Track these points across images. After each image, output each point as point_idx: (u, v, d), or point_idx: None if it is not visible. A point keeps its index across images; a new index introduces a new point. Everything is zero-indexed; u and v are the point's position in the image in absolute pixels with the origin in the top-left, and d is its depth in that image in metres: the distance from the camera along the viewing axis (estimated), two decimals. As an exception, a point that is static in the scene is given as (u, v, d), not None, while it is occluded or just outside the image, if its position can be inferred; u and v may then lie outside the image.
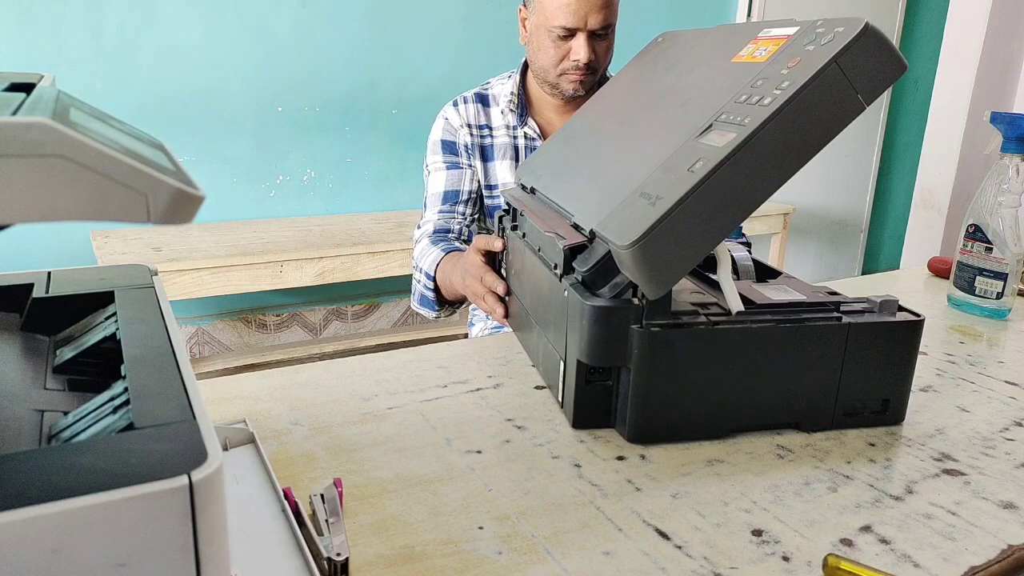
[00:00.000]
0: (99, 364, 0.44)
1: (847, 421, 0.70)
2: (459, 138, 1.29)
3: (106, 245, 2.05)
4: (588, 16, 1.13)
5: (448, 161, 1.29)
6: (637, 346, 0.63)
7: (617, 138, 0.81)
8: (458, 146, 1.29)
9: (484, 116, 1.30)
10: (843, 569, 0.49)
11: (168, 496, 0.29)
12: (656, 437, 0.67)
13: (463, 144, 1.29)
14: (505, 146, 1.29)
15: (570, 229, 0.74)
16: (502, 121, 1.29)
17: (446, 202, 1.29)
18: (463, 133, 1.29)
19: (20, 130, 0.26)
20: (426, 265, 1.22)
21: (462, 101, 1.30)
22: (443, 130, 1.30)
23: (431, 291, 1.22)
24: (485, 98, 1.31)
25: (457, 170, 1.29)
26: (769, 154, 0.59)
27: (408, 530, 0.54)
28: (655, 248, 0.58)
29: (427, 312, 1.26)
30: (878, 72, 0.59)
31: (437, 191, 1.30)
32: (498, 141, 1.30)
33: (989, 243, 1.02)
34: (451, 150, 1.30)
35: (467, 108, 1.30)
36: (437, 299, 1.23)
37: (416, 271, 1.26)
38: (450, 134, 1.30)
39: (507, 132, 1.29)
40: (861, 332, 0.67)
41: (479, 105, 1.30)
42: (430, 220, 1.30)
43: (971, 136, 2.39)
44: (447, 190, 1.29)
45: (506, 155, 1.29)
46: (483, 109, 1.30)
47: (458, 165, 1.29)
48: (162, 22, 2.21)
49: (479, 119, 1.30)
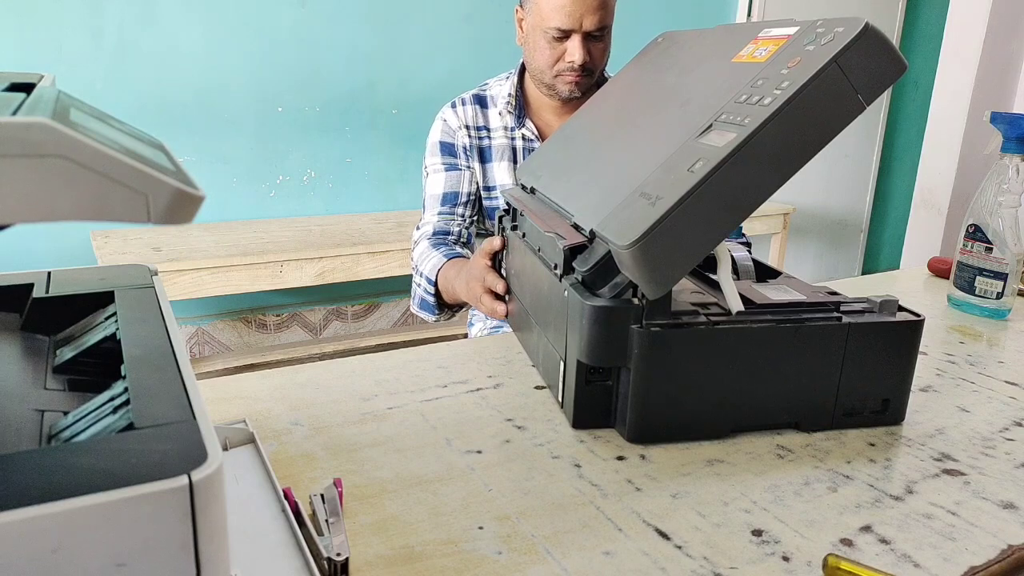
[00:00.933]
0: (99, 364, 0.44)
1: (847, 421, 0.70)
2: (457, 140, 1.29)
3: (106, 245, 2.05)
4: (583, 17, 1.12)
5: (447, 163, 1.29)
6: (637, 346, 0.63)
7: (617, 138, 0.81)
8: (456, 148, 1.29)
9: (482, 117, 1.30)
10: (843, 569, 0.49)
11: (168, 496, 0.29)
12: (656, 437, 0.67)
13: (461, 146, 1.29)
14: (503, 147, 1.29)
15: (570, 229, 0.74)
16: (500, 123, 1.29)
17: (445, 204, 1.29)
18: (461, 135, 1.29)
19: (20, 130, 0.26)
20: (427, 269, 1.22)
21: (460, 103, 1.30)
22: (441, 132, 1.30)
23: (432, 295, 1.22)
24: (483, 99, 1.31)
25: (456, 172, 1.29)
26: (769, 154, 0.59)
27: (408, 530, 0.54)
28: (655, 248, 0.58)
29: (427, 316, 1.26)
30: (878, 72, 0.59)
31: (436, 193, 1.30)
32: (496, 143, 1.29)
33: (989, 243, 1.02)
34: (450, 152, 1.29)
35: (465, 110, 1.29)
36: (438, 303, 1.23)
37: (416, 275, 1.26)
38: (448, 136, 1.29)
39: (505, 133, 1.29)
40: (861, 332, 0.67)
41: (477, 107, 1.30)
42: (429, 222, 1.29)
43: (971, 136, 2.39)
44: (446, 192, 1.29)
45: (504, 156, 1.29)
46: (481, 111, 1.30)
47: (456, 167, 1.29)
48: (162, 22, 2.21)
49: (477, 120, 1.30)
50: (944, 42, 2.45)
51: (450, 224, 1.29)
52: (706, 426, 0.67)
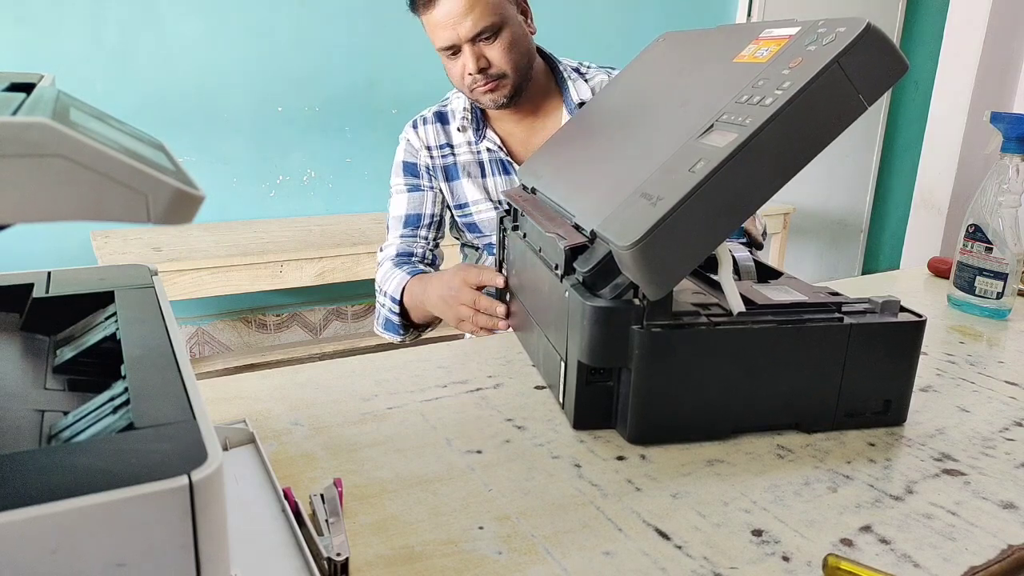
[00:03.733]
0: (99, 364, 0.44)
1: (849, 422, 0.70)
2: (420, 160, 1.27)
3: (106, 245, 2.06)
4: (457, 28, 1.10)
5: (409, 183, 1.28)
6: (638, 347, 0.63)
7: (618, 138, 0.81)
8: (419, 168, 1.27)
9: (444, 135, 1.28)
10: (843, 569, 0.49)
11: (168, 496, 0.29)
12: (657, 438, 0.67)
13: (424, 166, 1.27)
14: (468, 163, 1.27)
15: (571, 229, 0.73)
16: (463, 138, 1.27)
17: (407, 226, 1.28)
18: (424, 155, 1.27)
19: (20, 130, 0.26)
20: (391, 289, 1.20)
21: (421, 122, 1.28)
22: (404, 152, 1.28)
23: (396, 315, 1.20)
24: (444, 115, 1.28)
25: (418, 193, 1.27)
26: (770, 154, 0.59)
27: (408, 530, 0.54)
28: (656, 249, 0.58)
29: (392, 336, 1.25)
30: (880, 72, 0.59)
31: (399, 214, 1.28)
32: (461, 159, 1.27)
33: (989, 243, 1.02)
34: (412, 172, 1.28)
35: (426, 129, 1.27)
36: (403, 323, 1.22)
37: (380, 295, 1.24)
38: (411, 156, 1.28)
39: (469, 148, 1.27)
40: (863, 333, 0.67)
41: (438, 124, 1.28)
42: (392, 244, 1.28)
43: (971, 136, 2.39)
44: (408, 214, 1.27)
45: (470, 172, 1.27)
46: (443, 128, 1.28)
47: (419, 188, 1.28)
48: (162, 22, 2.21)
49: (439, 138, 1.27)
50: (944, 42, 2.45)
51: (413, 246, 1.27)
52: (707, 427, 0.67)
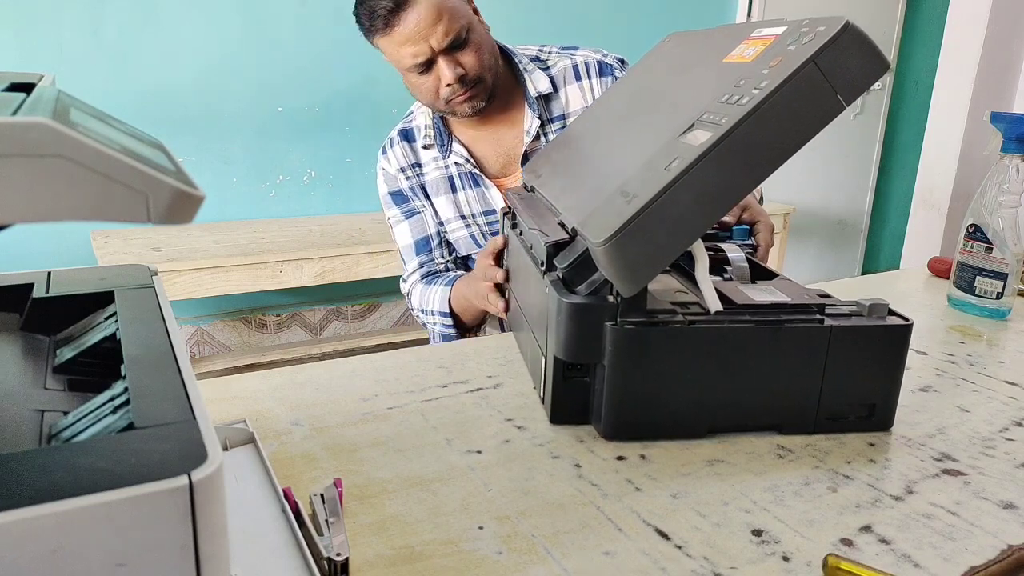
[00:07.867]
0: (99, 364, 0.44)
1: (830, 426, 0.68)
2: (401, 184, 1.25)
3: (106, 245, 2.06)
4: (429, 39, 1.05)
5: (404, 210, 1.26)
6: (611, 343, 0.63)
7: (611, 137, 0.81)
8: (404, 192, 1.25)
9: (412, 154, 1.25)
10: (843, 569, 0.49)
11: (168, 496, 0.29)
12: (631, 435, 0.66)
13: (408, 188, 1.25)
14: (439, 180, 1.24)
15: (556, 227, 0.74)
16: (429, 155, 1.24)
17: (420, 252, 1.25)
18: (401, 178, 1.25)
19: (20, 130, 0.26)
20: (436, 305, 1.18)
21: (389, 145, 1.26)
22: (384, 182, 1.27)
23: (451, 327, 1.19)
24: (409, 132, 1.25)
25: (416, 216, 1.25)
26: (745, 153, 0.58)
27: (408, 530, 0.54)
28: (628, 245, 0.58)
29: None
30: (858, 71, 0.58)
31: (407, 243, 1.26)
32: (429, 177, 1.24)
33: (989, 243, 1.02)
34: (400, 199, 1.26)
35: (395, 152, 1.25)
36: (458, 332, 1.20)
37: (425, 315, 1.22)
38: (392, 183, 1.26)
39: (436, 165, 1.24)
40: (845, 336, 0.65)
41: (405, 144, 1.25)
42: (414, 271, 1.26)
43: (971, 136, 2.39)
44: (416, 240, 1.25)
45: (442, 189, 1.24)
46: (410, 147, 1.25)
47: (414, 211, 1.26)
48: (162, 22, 2.21)
49: (409, 159, 1.25)
50: (944, 42, 2.45)
51: (435, 268, 1.26)
52: (683, 425, 0.66)
